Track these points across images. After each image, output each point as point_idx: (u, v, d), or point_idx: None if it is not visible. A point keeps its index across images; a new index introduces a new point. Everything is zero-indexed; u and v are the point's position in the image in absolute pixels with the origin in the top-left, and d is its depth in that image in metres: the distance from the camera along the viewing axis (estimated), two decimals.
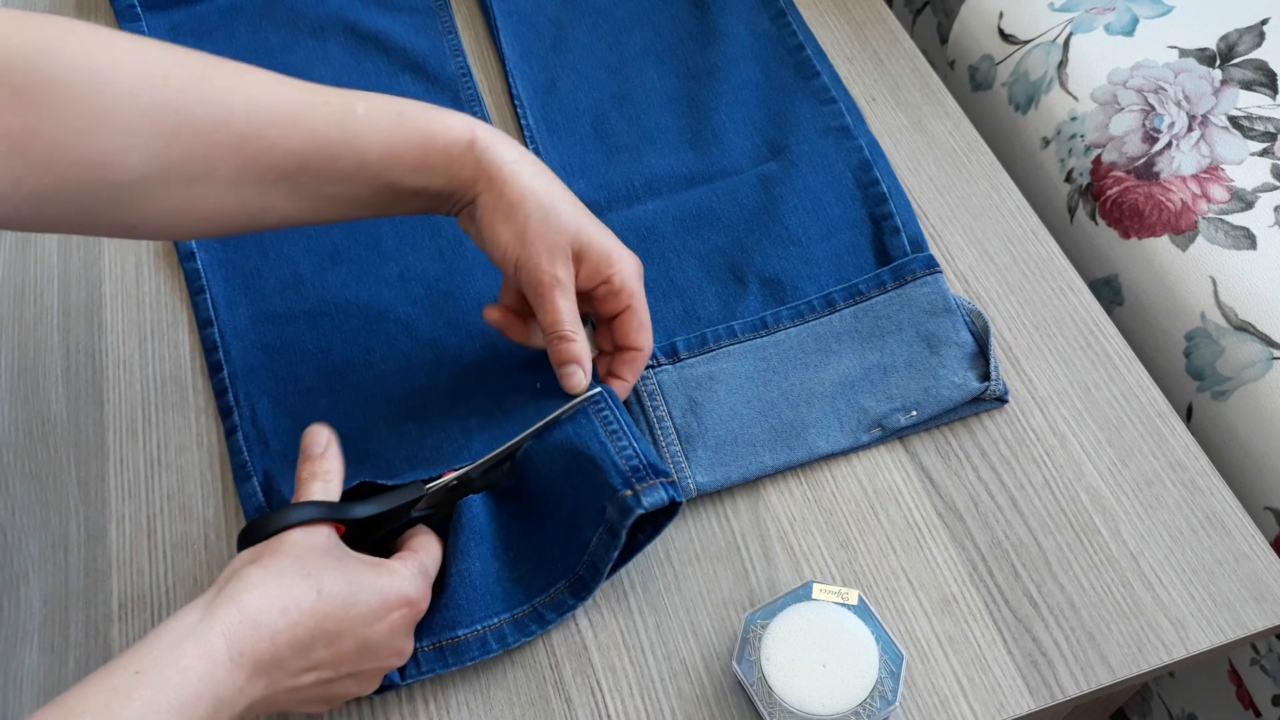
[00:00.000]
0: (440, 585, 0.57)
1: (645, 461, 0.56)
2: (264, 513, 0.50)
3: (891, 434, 0.64)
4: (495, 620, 0.57)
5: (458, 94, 0.82)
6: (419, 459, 0.63)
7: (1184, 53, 0.79)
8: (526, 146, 0.79)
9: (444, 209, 0.60)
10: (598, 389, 0.60)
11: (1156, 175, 0.74)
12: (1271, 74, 0.77)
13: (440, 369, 0.68)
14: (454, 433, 0.64)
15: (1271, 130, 0.74)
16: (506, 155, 0.57)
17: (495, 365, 0.68)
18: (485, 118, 0.81)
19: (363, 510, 0.54)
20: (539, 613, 0.58)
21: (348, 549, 0.52)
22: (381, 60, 0.85)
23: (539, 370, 0.64)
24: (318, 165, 0.55)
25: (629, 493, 0.55)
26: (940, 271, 0.69)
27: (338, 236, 0.74)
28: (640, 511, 0.55)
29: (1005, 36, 0.86)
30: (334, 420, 0.66)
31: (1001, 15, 0.87)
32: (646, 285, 0.71)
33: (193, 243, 0.74)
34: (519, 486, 0.60)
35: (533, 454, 0.60)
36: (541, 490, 0.60)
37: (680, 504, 0.56)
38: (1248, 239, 0.70)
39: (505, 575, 0.59)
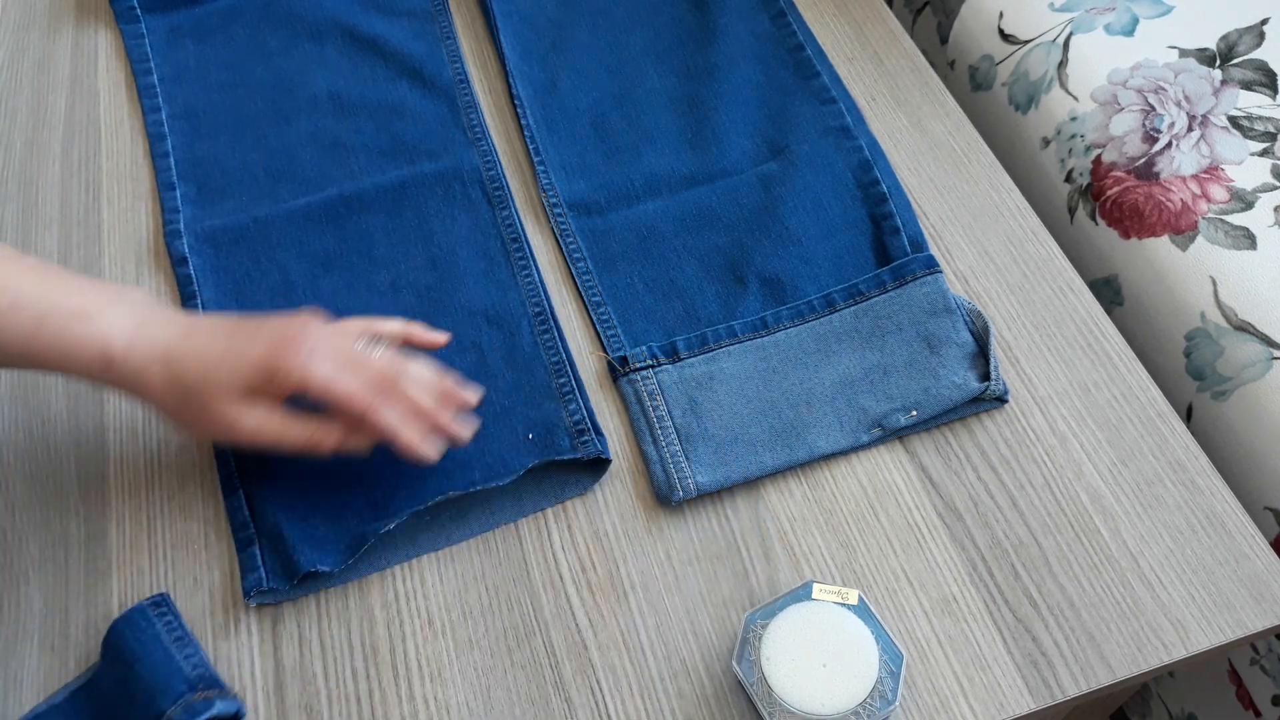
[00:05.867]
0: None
1: (209, 672, 0.57)
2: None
3: (891, 434, 0.64)
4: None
5: (454, 100, 0.82)
6: (403, 469, 0.63)
7: (1184, 53, 0.79)
8: (527, 146, 0.79)
9: None
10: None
11: (1156, 175, 0.74)
12: (1271, 74, 0.77)
13: None
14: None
15: (1271, 130, 0.74)
16: (142, 369, 0.56)
17: (485, 375, 0.68)
18: (482, 125, 0.81)
19: None
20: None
21: None
22: (379, 65, 0.85)
23: (528, 393, 0.66)
24: None
25: (197, 696, 0.55)
26: (940, 271, 0.69)
27: (330, 243, 0.74)
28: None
29: (1005, 36, 0.86)
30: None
31: (1001, 15, 0.87)
32: (646, 285, 0.71)
33: (185, 247, 0.74)
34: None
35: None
36: None
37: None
38: (1248, 239, 0.70)
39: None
